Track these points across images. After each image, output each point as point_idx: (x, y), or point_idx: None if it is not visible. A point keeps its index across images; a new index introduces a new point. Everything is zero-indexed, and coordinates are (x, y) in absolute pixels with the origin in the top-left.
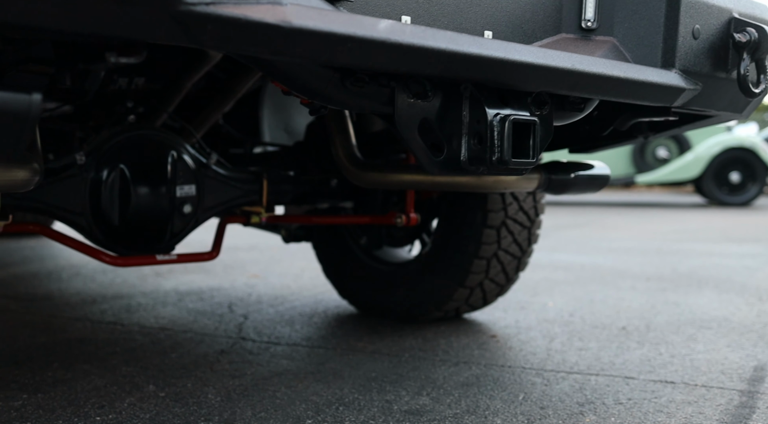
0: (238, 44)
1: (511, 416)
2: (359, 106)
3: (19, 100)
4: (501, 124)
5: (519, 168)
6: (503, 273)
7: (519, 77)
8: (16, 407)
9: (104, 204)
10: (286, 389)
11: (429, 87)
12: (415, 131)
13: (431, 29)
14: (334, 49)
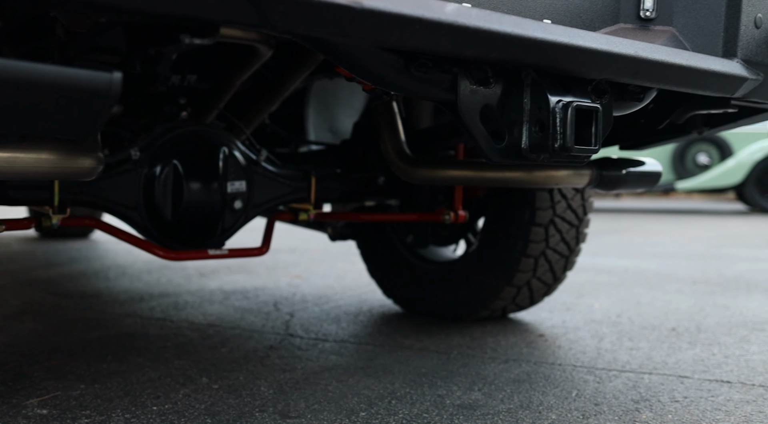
0: (309, 25)
1: (566, 412)
2: (422, 93)
3: (100, 79)
4: (564, 111)
5: (581, 155)
6: (551, 272)
7: (582, 63)
8: (75, 396)
9: (157, 199)
10: (337, 383)
11: (491, 73)
12: (476, 118)
13: (496, 13)
14: (403, 32)
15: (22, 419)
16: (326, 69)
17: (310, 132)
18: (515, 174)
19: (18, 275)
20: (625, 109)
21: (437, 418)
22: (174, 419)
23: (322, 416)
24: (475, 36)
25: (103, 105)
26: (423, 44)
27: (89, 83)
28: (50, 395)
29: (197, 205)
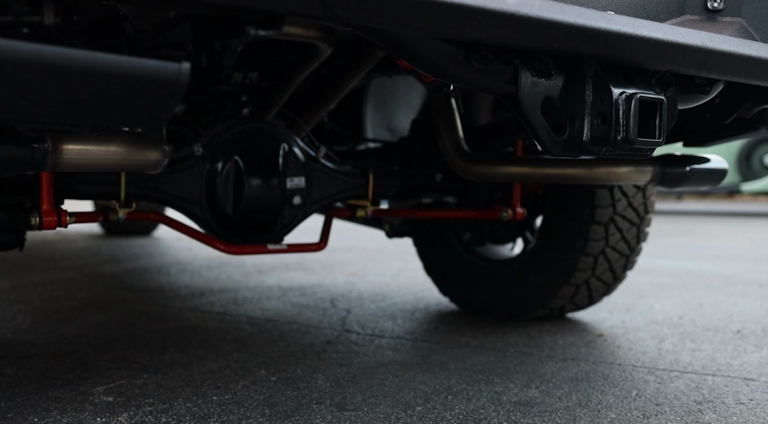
0: (371, 17)
1: (626, 411)
2: (482, 85)
3: (169, 68)
4: (627, 103)
5: (644, 148)
6: (610, 271)
7: (646, 54)
8: (139, 385)
9: (219, 194)
10: (393, 377)
11: (552, 65)
12: (538, 110)
13: (559, 3)
14: (464, 22)
15: (89, 405)
16: (385, 67)
17: (367, 130)
18: (575, 170)
19: (84, 270)
20: (690, 102)
21: (494, 414)
22: (233, 408)
23: (378, 410)
24: (538, 26)
25: (171, 94)
26: (485, 35)
27: (159, 73)
28: (115, 384)
29: (257, 201)
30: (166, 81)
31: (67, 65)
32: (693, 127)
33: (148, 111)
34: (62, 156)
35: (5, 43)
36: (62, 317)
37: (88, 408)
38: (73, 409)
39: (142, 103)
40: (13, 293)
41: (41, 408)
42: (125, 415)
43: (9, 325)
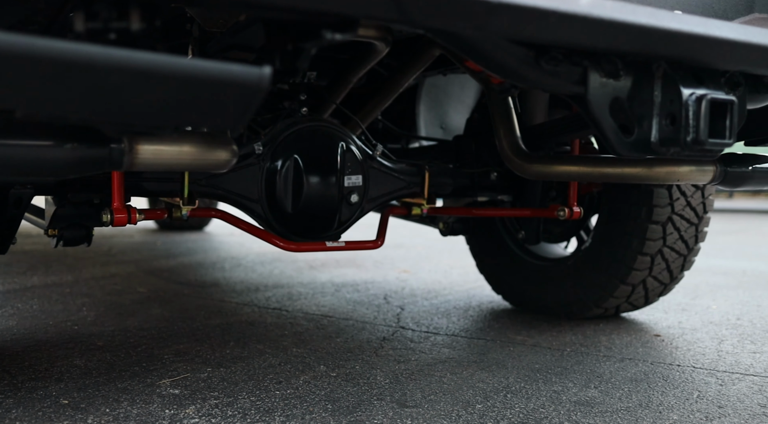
0: (446, 20)
1: (688, 413)
2: (551, 86)
3: (251, 73)
4: (697, 104)
5: (714, 150)
6: (667, 271)
7: (716, 55)
8: (203, 378)
9: (278, 192)
10: (452, 375)
11: (621, 66)
12: (606, 111)
13: (631, 4)
14: (537, 24)
15: (157, 397)
16: (440, 65)
17: (420, 128)
18: (635, 170)
19: (141, 264)
20: (759, 101)
21: (554, 413)
22: (296, 403)
23: (438, 407)
24: (609, 28)
25: (252, 98)
26: (557, 37)
27: (241, 77)
28: (180, 377)
29: (316, 199)
30: (247, 85)
31: (155, 70)
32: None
33: (229, 113)
34: (138, 156)
35: (99, 50)
36: (125, 310)
37: (156, 400)
38: (142, 401)
39: (224, 105)
40: (76, 286)
41: (112, 399)
42: (192, 407)
43: (75, 317)
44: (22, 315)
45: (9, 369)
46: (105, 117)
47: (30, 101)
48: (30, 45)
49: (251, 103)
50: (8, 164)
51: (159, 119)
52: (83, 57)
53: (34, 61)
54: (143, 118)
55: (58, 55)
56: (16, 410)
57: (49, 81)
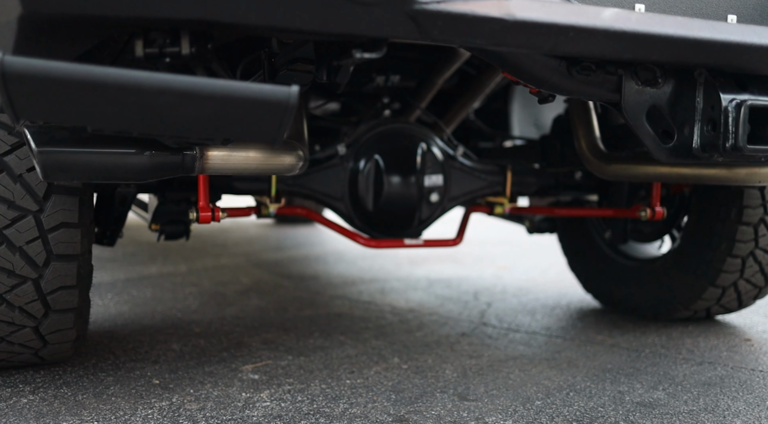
0: (465, 37)
1: (754, 419)
2: (586, 94)
3: (280, 92)
4: (736, 110)
5: (755, 155)
6: (761, 274)
7: (755, 61)
8: (283, 365)
9: (361, 191)
10: (520, 371)
11: (659, 73)
12: (642, 118)
13: (658, 15)
14: (557, 39)
15: (237, 381)
16: None
17: (514, 127)
18: (713, 171)
19: (251, 256)
20: None
21: (612, 413)
22: (363, 392)
23: (498, 401)
24: (634, 40)
25: (284, 114)
26: (580, 50)
27: (272, 96)
28: (262, 363)
29: (396, 198)
30: (278, 103)
31: (193, 91)
32: None
33: (265, 128)
34: (208, 162)
35: (144, 76)
36: (226, 299)
37: (236, 384)
38: (224, 384)
39: (260, 121)
40: (188, 276)
41: (197, 381)
42: (267, 392)
43: (180, 305)
44: (135, 302)
45: (114, 350)
46: (158, 131)
47: (95, 119)
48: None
49: (284, 118)
50: (98, 168)
51: (205, 133)
52: (131, 82)
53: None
54: (190, 133)
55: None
56: (114, 387)
57: (107, 102)
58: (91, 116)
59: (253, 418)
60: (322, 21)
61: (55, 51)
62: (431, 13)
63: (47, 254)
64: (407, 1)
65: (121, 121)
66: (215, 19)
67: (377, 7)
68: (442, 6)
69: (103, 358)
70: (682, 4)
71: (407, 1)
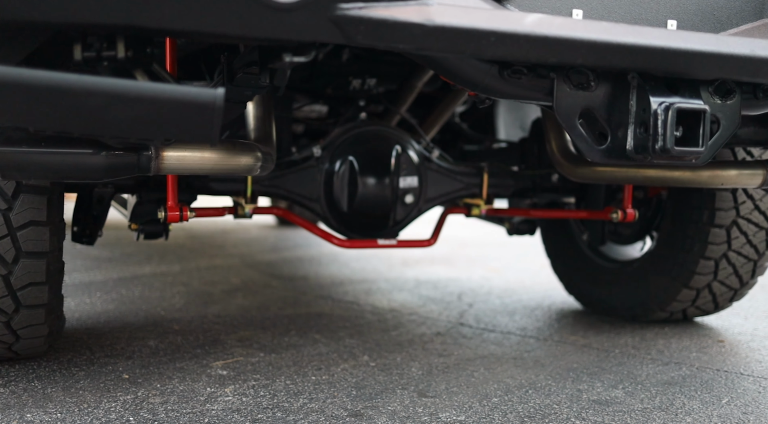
0: (388, 42)
1: (705, 417)
2: (520, 97)
3: (206, 94)
4: (665, 113)
5: (684, 157)
6: (735, 276)
7: (683, 65)
8: (253, 362)
9: (336, 192)
10: (485, 370)
11: (592, 77)
12: (575, 120)
13: (583, 21)
14: (479, 44)
15: (205, 376)
16: None
17: (500, 130)
18: (678, 173)
19: (246, 257)
20: (760, 108)
21: (566, 410)
22: (325, 388)
23: (456, 398)
24: (558, 45)
25: (212, 115)
26: (503, 54)
27: (198, 98)
28: (233, 360)
29: (370, 199)
30: (205, 105)
31: (121, 93)
32: None
33: (198, 128)
34: (163, 162)
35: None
36: (212, 298)
37: (203, 379)
38: (191, 379)
39: (191, 122)
40: (180, 276)
41: (166, 376)
42: (231, 387)
43: (166, 304)
44: (122, 300)
45: (91, 346)
46: (95, 132)
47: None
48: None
49: (214, 119)
50: (55, 168)
51: (141, 133)
52: (61, 84)
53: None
54: (126, 133)
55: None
56: (84, 381)
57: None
58: (27, 117)
59: (212, 411)
60: (246, 27)
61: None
62: (353, 19)
63: (16, 251)
64: (329, 6)
65: (57, 123)
66: (142, 24)
67: (299, 12)
68: (363, 11)
69: (78, 353)
70: (621, 10)
71: (329, 6)
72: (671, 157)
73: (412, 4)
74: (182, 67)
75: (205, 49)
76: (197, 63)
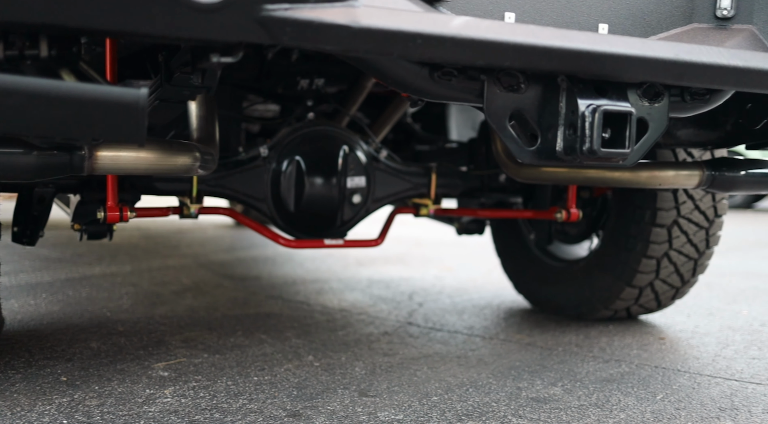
0: (314, 43)
1: (638, 413)
2: (451, 98)
3: (129, 94)
4: (592, 115)
5: (609, 158)
6: (677, 274)
7: (608, 69)
8: (196, 363)
9: (283, 192)
10: (428, 369)
11: (522, 79)
12: (505, 122)
13: (510, 24)
14: (405, 46)
15: (146, 378)
16: None
17: (451, 130)
18: (617, 174)
19: (200, 257)
20: (688, 111)
21: (504, 407)
22: (266, 388)
23: (396, 397)
24: (485, 48)
25: (136, 114)
26: (431, 56)
27: (122, 97)
28: (175, 361)
29: (317, 199)
30: (127, 104)
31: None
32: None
33: (124, 128)
34: (97, 162)
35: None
36: (160, 299)
37: (143, 381)
38: (131, 381)
39: (116, 122)
40: (130, 277)
41: (105, 378)
42: (171, 388)
43: (113, 305)
44: (68, 301)
45: (31, 349)
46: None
47: None
48: None
49: (139, 119)
50: None
51: (65, 133)
52: None
53: None
54: (50, 132)
55: None
56: (20, 384)
57: None
58: None
59: (149, 413)
60: (170, 27)
61: None
62: (279, 20)
63: None
64: (255, 7)
65: None
66: (62, 23)
67: (224, 13)
68: (289, 12)
69: (17, 356)
70: (553, 13)
71: (255, 7)
72: (598, 158)
73: (338, 5)
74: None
75: (149, 48)
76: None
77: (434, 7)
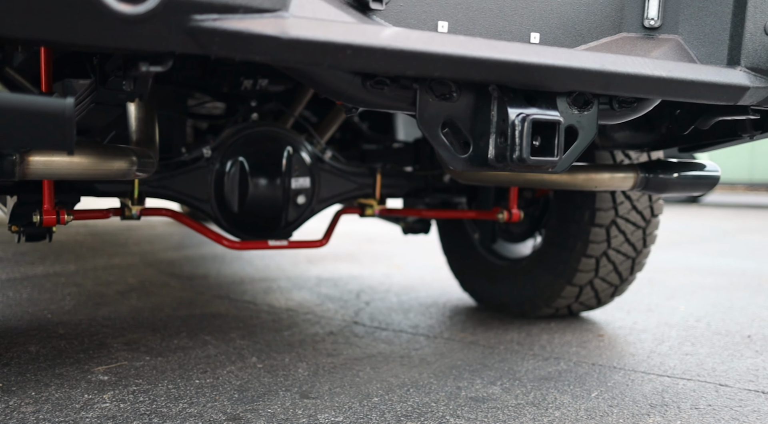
0: (244, 53)
1: (573, 411)
2: (384, 106)
3: (55, 104)
4: (521, 123)
5: (538, 166)
6: (616, 273)
7: (537, 78)
8: (137, 366)
9: (226, 193)
10: (371, 369)
11: (454, 88)
12: (437, 130)
13: (440, 35)
14: (335, 56)
15: (85, 383)
16: None
17: (398, 130)
18: (554, 176)
19: (147, 256)
20: (617, 118)
21: (443, 407)
22: (208, 391)
23: (337, 399)
24: (414, 58)
25: (64, 125)
26: (362, 66)
27: (48, 107)
28: (116, 365)
29: (261, 200)
30: (54, 114)
31: None
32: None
33: (52, 137)
34: (29, 167)
35: None
36: (104, 300)
37: (82, 385)
38: (69, 386)
39: (44, 131)
40: (73, 276)
41: (43, 383)
42: (111, 393)
43: (54, 307)
44: (7, 303)
45: None
46: None
47: None
48: None
49: (66, 128)
50: None
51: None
52: None
53: None
54: None
55: None
56: None
57: None
58: None
59: (86, 419)
60: (97, 37)
61: None
62: (208, 30)
63: None
64: (183, 17)
65: None
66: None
67: (151, 23)
68: (218, 23)
69: None
70: (485, 23)
71: (183, 17)
72: (527, 166)
73: (267, 16)
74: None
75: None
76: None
77: (368, 17)
